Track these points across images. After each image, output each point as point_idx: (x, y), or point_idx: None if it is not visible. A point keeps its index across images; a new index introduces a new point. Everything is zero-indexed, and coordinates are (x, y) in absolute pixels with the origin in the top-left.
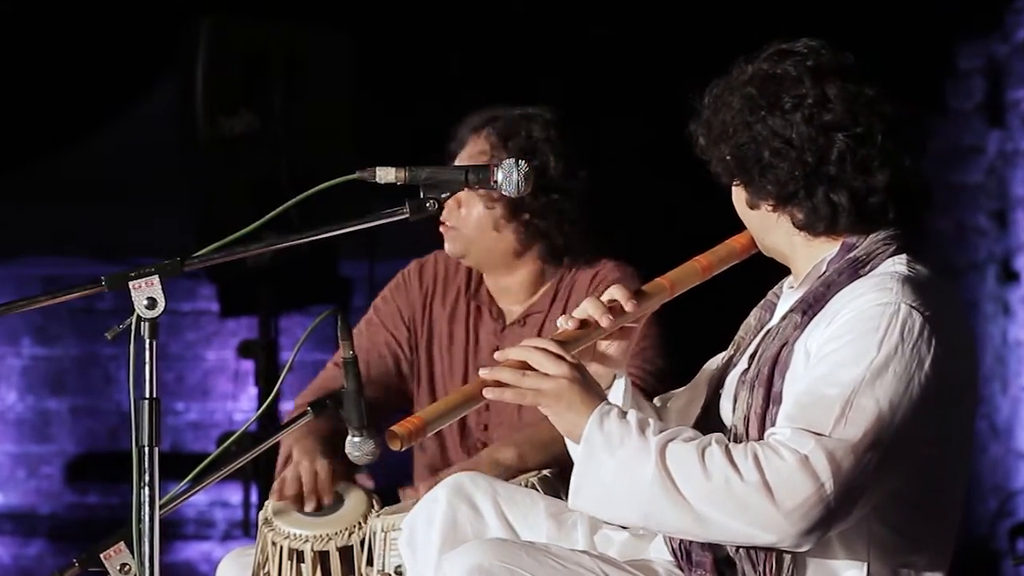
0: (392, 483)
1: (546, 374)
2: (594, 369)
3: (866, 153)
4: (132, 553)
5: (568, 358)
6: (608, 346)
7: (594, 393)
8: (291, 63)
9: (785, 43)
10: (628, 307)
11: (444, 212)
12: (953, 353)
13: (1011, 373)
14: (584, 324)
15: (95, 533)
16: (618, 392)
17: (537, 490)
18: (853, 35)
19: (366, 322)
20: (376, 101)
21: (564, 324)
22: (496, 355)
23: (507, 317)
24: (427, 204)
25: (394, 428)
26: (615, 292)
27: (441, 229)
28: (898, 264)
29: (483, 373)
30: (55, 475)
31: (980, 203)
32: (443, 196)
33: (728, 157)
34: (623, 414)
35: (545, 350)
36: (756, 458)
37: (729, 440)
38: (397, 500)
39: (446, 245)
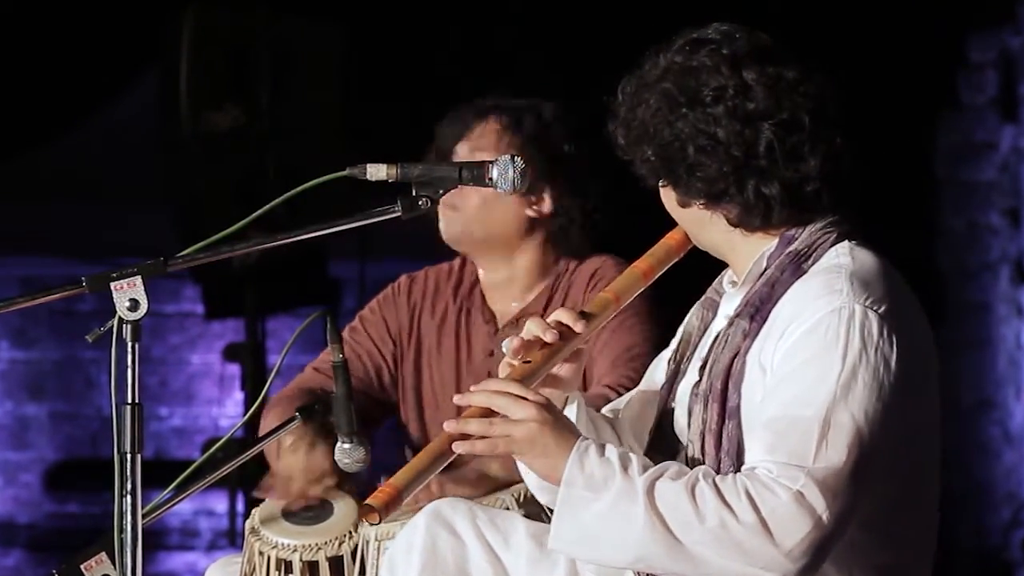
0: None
1: (515, 420)
2: (547, 393)
3: (795, 140)
4: (114, 564)
5: (533, 398)
6: (559, 368)
7: (568, 431)
8: (279, 55)
9: (695, 31)
10: (578, 328)
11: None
12: (913, 341)
13: None
14: (532, 348)
15: (75, 543)
16: (571, 416)
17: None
18: (863, 28)
19: (350, 330)
20: (367, 95)
21: (510, 344)
22: (456, 399)
23: (500, 319)
24: (420, 202)
25: (368, 501)
26: (561, 315)
27: (439, 210)
28: (841, 255)
29: (448, 426)
30: (34, 483)
31: (993, 201)
32: (438, 193)
33: (652, 157)
34: (602, 450)
35: (508, 393)
36: (749, 496)
37: (687, 456)
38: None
39: (442, 226)
